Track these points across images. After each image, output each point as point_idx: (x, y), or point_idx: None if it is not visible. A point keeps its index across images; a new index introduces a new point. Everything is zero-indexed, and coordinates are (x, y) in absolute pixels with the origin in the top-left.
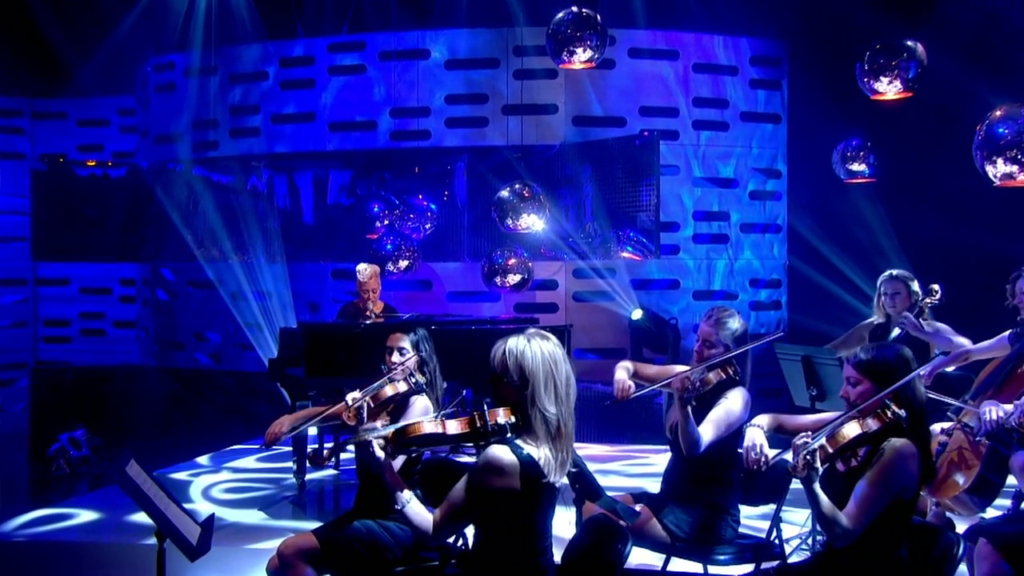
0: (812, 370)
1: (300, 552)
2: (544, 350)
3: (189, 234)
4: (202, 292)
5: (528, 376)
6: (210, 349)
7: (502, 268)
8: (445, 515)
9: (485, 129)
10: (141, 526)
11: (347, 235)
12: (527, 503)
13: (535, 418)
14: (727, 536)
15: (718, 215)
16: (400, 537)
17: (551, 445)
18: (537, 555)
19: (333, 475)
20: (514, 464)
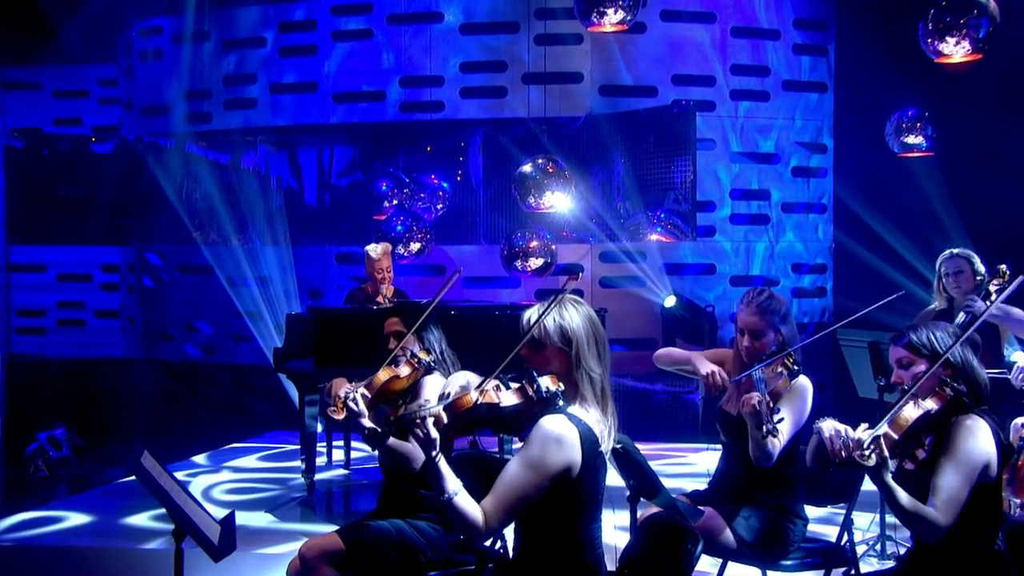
0: (880, 358)
1: (324, 554)
2: (581, 309)
3: (180, 215)
4: (194, 278)
5: (571, 336)
6: (202, 340)
7: (523, 251)
8: (499, 504)
9: (503, 100)
10: (140, 530)
11: (352, 216)
12: (587, 477)
13: (582, 380)
14: (795, 540)
15: (758, 193)
16: (433, 538)
17: (600, 409)
18: (594, 548)
19: (344, 475)
20: (573, 433)
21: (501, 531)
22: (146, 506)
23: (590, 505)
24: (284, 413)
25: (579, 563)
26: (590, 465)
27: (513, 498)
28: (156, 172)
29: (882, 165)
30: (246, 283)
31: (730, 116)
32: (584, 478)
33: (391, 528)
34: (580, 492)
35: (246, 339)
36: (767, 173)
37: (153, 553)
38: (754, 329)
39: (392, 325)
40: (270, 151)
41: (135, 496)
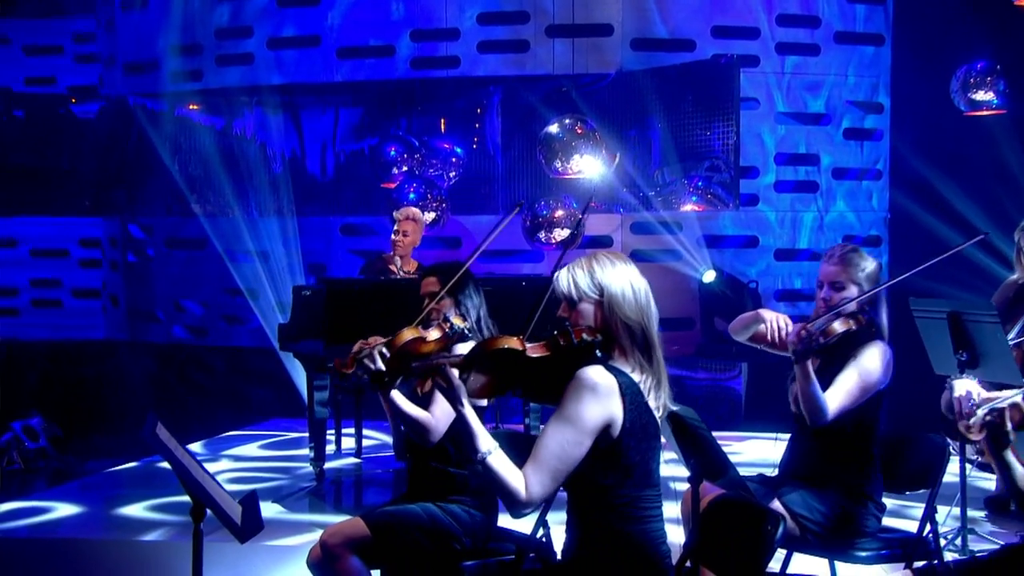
0: (961, 329)
1: (348, 541)
2: (617, 262)
3: (168, 183)
4: (183, 253)
5: (602, 284)
6: (193, 321)
7: (547, 221)
8: (539, 467)
9: (525, 55)
10: (136, 521)
11: (358, 184)
12: (633, 437)
13: (619, 331)
14: (870, 527)
15: (805, 158)
16: (468, 523)
17: (642, 360)
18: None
19: (355, 463)
20: (611, 383)
21: (543, 500)
22: (140, 496)
23: (642, 476)
24: (285, 399)
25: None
26: (635, 423)
27: (553, 459)
28: (142, 136)
29: (946, 125)
30: (241, 258)
31: (776, 72)
32: (629, 438)
33: (421, 513)
34: (627, 456)
35: (241, 320)
36: (816, 135)
37: (153, 545)
38: (834, 280)
39: (428, 285)
40: (268, 113)
41: (127, 486)
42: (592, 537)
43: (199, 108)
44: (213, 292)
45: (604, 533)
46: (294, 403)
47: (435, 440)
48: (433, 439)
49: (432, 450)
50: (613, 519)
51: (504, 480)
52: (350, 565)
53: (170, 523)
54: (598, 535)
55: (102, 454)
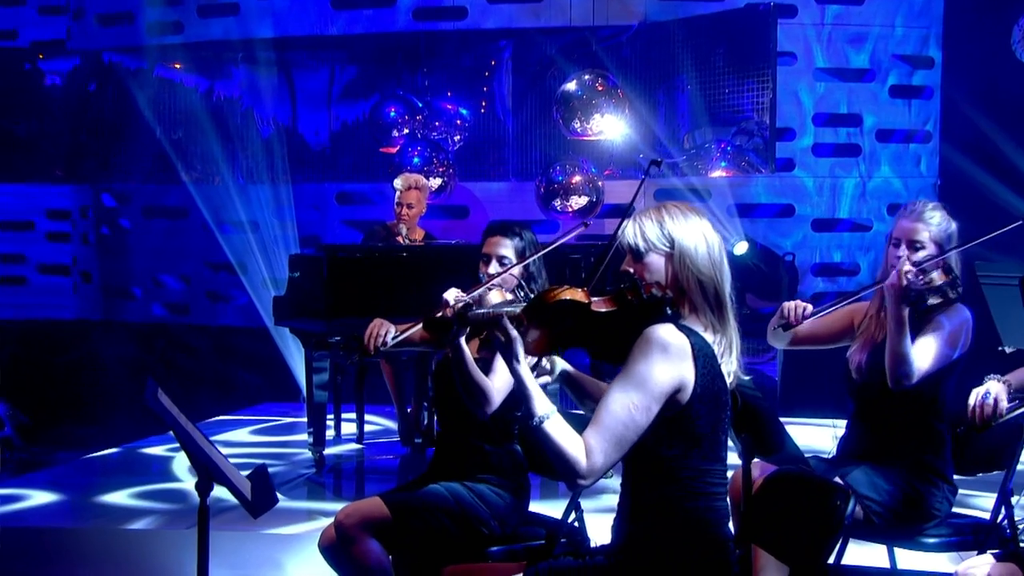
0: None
1: (365, 523)
2: (689, 213)
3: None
4: (163, 223)
5: (673, 236)
6: (173, 298)
7: (563, 188)
8: (602, 433)
9: (539, 5)
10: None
11: (355, 148)
12: (705, 404)
13: (691, 287)
14: (939, 509)
15: (847, 119)
16: (497, 506)
17: (715, 321)
18: (717, 511)
19: (356, 449)
20: (683, 343)
21: (605, 471)
22: (123, 483)
23: (710, 448)
24: (276, 382)
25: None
26: (707, 388)
27: (618, 425)
28: (117, 95)
29: (1005, 81)
30: (227, 229)
31: (815, 23)
32: (700, 405)
33: (446, 493)
34: (696, 425)
35: (227, 297)
36: (859, 93)
37: (141, 534)
38: (915, 238)
39: (497, 246)
40: (256, 70)
41: (107, 473)
42: (650, 513)
43: (178, 64)
44: (196, 266)
45: (665, 509)
46: (286, 386)
47: (489, 412)
48: (488, 410)
49: (474, 425)
50: (676, 494)
51: (562, 448)
52: (368, 549)
53: (158, 511)
54: (658, 511)
55: (74, 444)
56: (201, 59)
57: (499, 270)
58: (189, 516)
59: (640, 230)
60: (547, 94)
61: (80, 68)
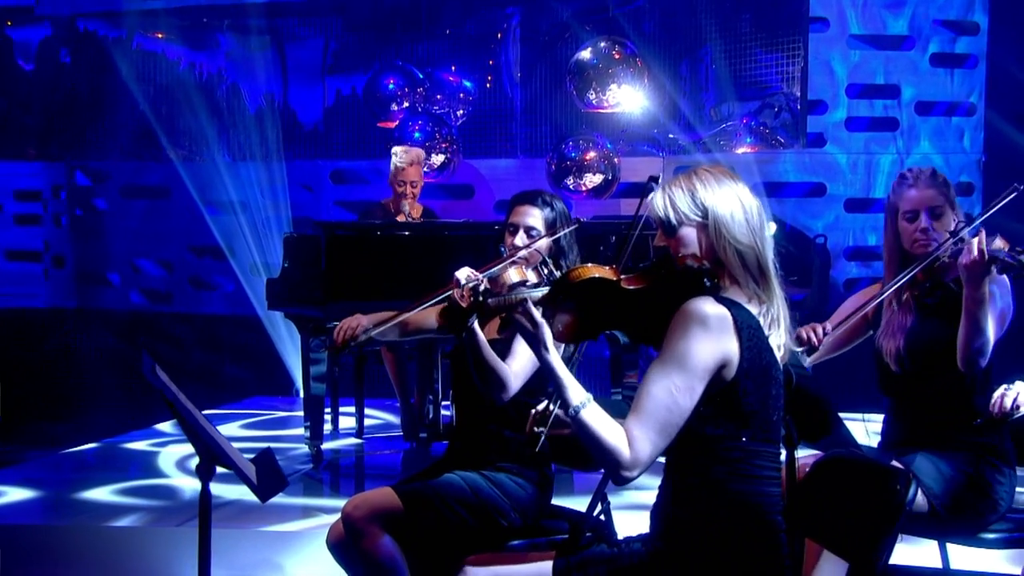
0: None
1: (376, 515)
2: (722, 178)
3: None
4: (143, 204)
5: (706, 204)
6: (154, 285)
7: (577, 164)
8: (645, 419)
9: None
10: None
11: (351, 123)
12: (752, 379)
13: (730, 257)
14: (1002, 500)
15: (884, 90)
16: (518, 497)
17: (758, 291)
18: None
19: (356, 444)
20: (724, 315)
21: (650, 461)
22: (103, 479)
23: (761, 427)
24: (266, 375)
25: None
26: (754, 363)
27: (661, 409)
28: (94, 66)
29: None
30: (213, 210)
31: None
32: (747, 381)
33: (463, 483)
34: (744, 402)
35: (212, 284)
36: (897, 63)
37: (125, 532)
38: (935, 205)
39: (525, 215)
40: (243, 38)
41: (86, 469)
42: (694, 498)
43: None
44: (178, 250)
45: (710, 493)
46: (278, 380)
47: (508, 397)
48: (505, 396)
49: (493, 410)
50: (723, 477)
51: (603, 438)
52: (379, 544)
53: (144, 507)
54: (703, 495)
55: (47, 440)
56: (185, 27)
57: (526, 242)
58: (178, 513)
59: (670, 202)
60: (559, 64)
61: (52, 36)
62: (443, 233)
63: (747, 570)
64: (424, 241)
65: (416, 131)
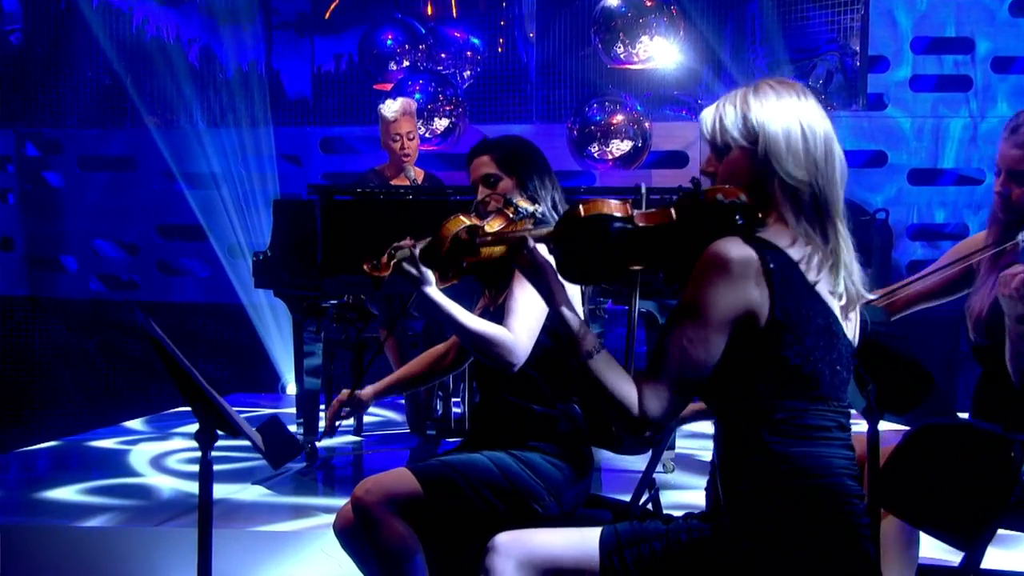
0: None
1: (390, 498)
2: (783, 93)
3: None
4: (104, 177)
5: (756, 128)
6: (116, 270)
7: (602, 130)
8: (659, 372)
9: None
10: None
11: (343, 85)
12: (790, 328)
13: (778, 192)
14: None
15: (955, 43)
16: (552, 478)
17: (810, 232)
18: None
19: (354, 442)
20: (748, 257)
21: (662, 419)
22: (70, 479)
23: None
24: (248, 371)
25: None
26: (793, 311)
27: (671, 363)
28: (48, 19)
29: None
30: (185, 184)
31: None
32: (784, 332)
33: (490, 464)
34: (784, 355)
35: (182, 268)
36: (970, 12)
37: (97, 532)
38: (1015, 168)
39: (479, 167)
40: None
41: (49, 469)
42: (747, 464)
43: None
44: (145, 230)
45: (765, 459)
46: (260, 375)
47: (518, 363)
48: (514, 360)
49: (510, 379)
50: (775, 439)
51: (611, 390)
52: (393, 531)
53: (116, 507)
54: (757, 462)
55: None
56: None
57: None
58: (157, 513)
59: (718, 119)
60: (581, 15)
61: None
62: (455, 197)
63: (821, 541)
64: (434, 206)
65: (417, 92)
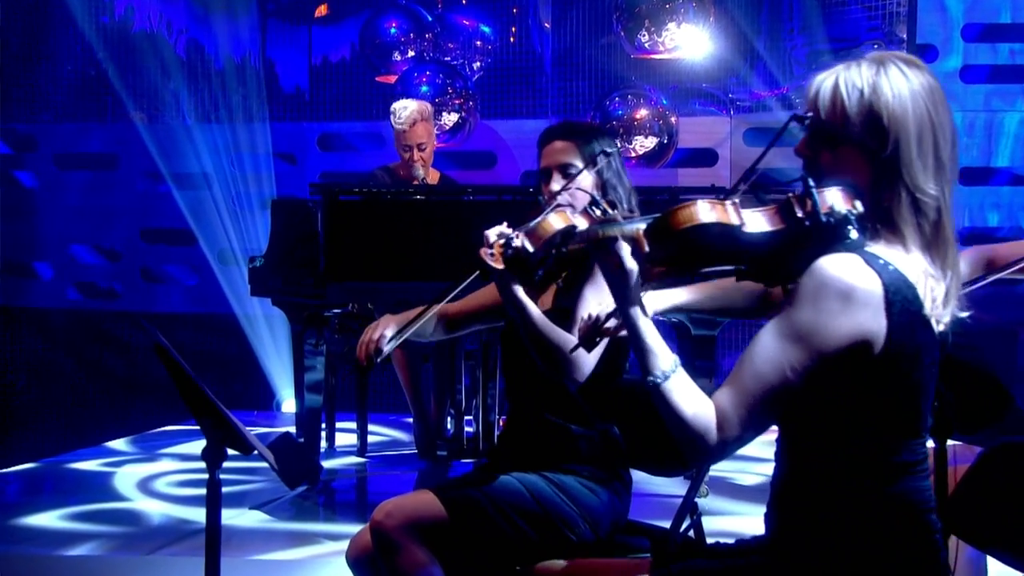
0: None
1: (413, 524)
2: (913, 74)
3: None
4: (83, 177)
5: (887, 124)
6: (95, 277)
7: (624, 126)
8: (743, 396)
9: None
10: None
11: (343, 77)
12: (903, 359)
13: (899, 203)
14: None
15: (1010, 30)
16: (589, 504)
17: (928, 254)
18: (920, 475)
19: (358, 464)
20: (873, 286)
21: (743, 442)
22: (50, 504)
23: (911, 416)
24: (238, 387)
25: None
26: (906, 342)
27: (765, 389)
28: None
29: None
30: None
31: None
32: (898, 362)
33: (521, 488)
34: (892, 386)
35: (166, 277)
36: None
37: (80, 562)
38: None
39: (556, 153)
40: None
41: (29, 492)
42: (831, 495)
43: None
44: (128, 234)
45: (849, 489)
46: (254, 392)
47: (582, 379)
48: (578, 376)
49: (549, 396)
50: (861, 470)
51: (687, 415)
52: (416, 559)
53: (103, 534)
54: (838, 492)
55: None
56: None
57: (563, 184)
58: (146, 540)
59: (840, 104)
60: (602, 0)
61: None
62: (468, 198)
63: None
64: (446, 207)
65: (423, 84)
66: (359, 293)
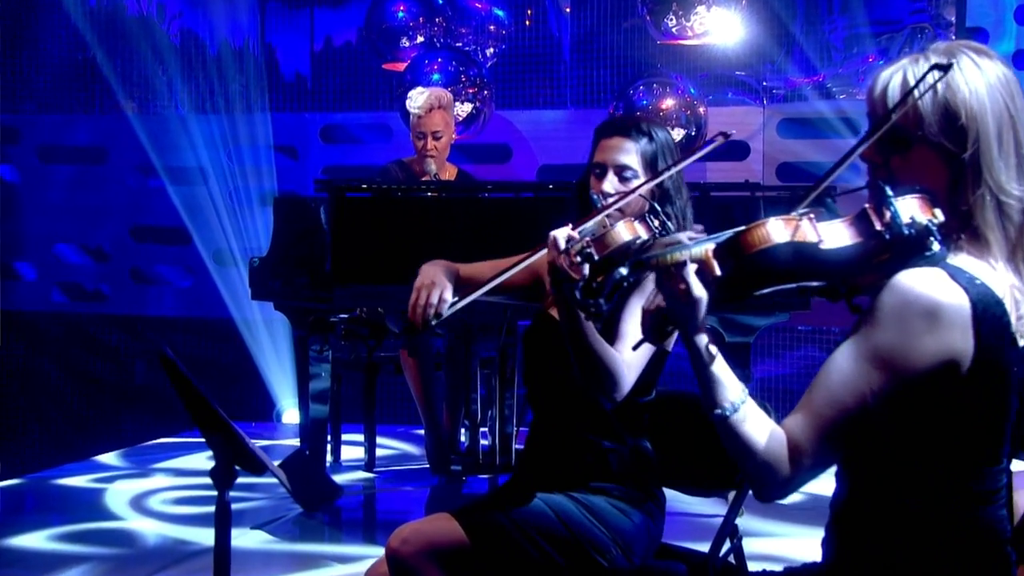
0: None
1: (433, 550)
2: (989, 67)
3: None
4: (69, 171)
5: (966, 122)
6: (81, 279)
7: (649, 116)
8: (817, 421)
9: None
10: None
11: (348, 65)
12: (990, 379)
13: (982, 209)
14: None
15: None
16: (621, 527)
17: (1012, 263)
18: (998, 502)
19: (366, 479)
20: (961, 304)
21: (815, 474)
22: (36, 524)
23: (994, 439)
24: (235, 396)
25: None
26: (994, 362)
27: (841, 414)
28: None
29: None
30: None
31: None
32: (979, 385)
33: (547, 510)
34: (976, 408)
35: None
36: None
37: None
38: None
39: (620, 153)
40: None
41: (14, 511)
42: (901, 522)
43: None
44: (116, 232)
45: (922, 517)
46: (251, 401)
47: (621, 396)
48: (617, 394)
49: (584, 412)
50: (937, 498)
51: (757, 449)
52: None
53: (94, 556)
54: (908, 519)
55: None
56: None
57: (619, 188)
58: (142, 563)
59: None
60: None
61: None
62: (484, 195)
63: None
64: (461, 205)
65: (434, 72)
66: (368, 297)
